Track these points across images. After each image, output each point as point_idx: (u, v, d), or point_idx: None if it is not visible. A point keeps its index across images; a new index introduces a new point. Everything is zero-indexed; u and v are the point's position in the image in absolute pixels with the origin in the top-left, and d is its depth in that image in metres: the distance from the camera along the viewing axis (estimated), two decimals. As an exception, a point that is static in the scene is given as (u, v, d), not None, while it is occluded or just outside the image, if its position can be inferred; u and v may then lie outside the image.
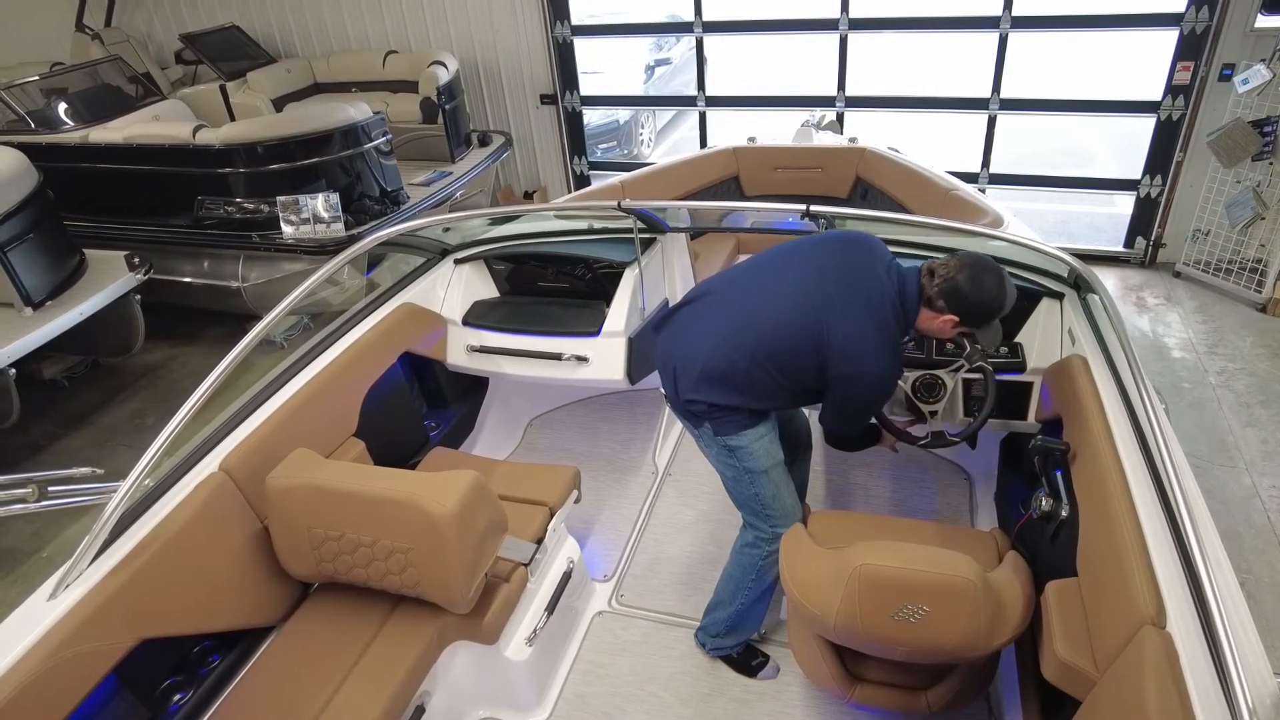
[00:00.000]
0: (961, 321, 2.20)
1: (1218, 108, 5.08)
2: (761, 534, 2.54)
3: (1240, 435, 3.95)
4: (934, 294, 2.19)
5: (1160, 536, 1.80)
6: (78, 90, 5.85)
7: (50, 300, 4.35)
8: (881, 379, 2.28)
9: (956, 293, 2.16)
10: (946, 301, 2.18)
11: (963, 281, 2.15)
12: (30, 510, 2.35)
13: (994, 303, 2.17)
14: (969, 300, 2.16)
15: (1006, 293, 2.18)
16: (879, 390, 2.34)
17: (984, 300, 2.16)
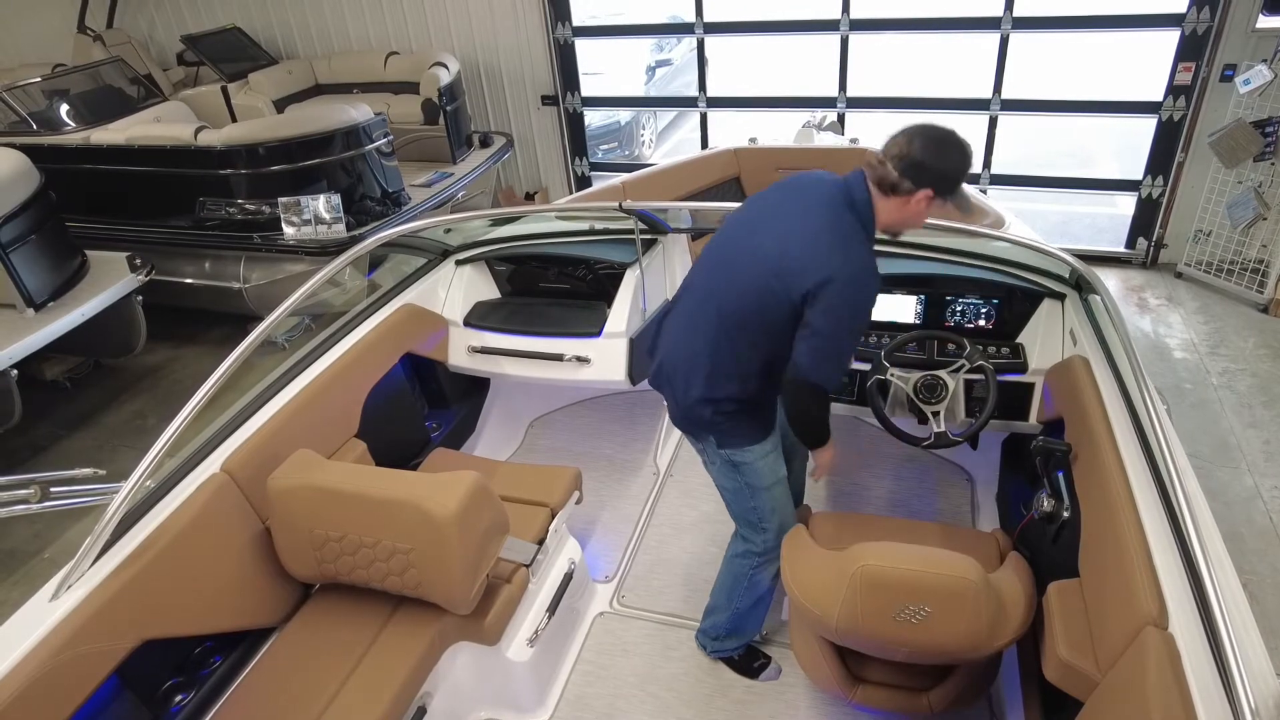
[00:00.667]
0: (936, 193, 2.05)
1: (1219, 108, 5.08)
2: (753, 546, 2.52)
3: (1242, 436, 3.94)
4: (897, 178, 2.03)
5: (1162, 537, 1.80)
6: (80, 92, 5.86)
7: (52, 301, 4.36)
8: (853, 283, 2.05)
9: (922, 166, 2.01)
10: (914, 179, 2.02)
11: (921, 151, 2.00)
12: (32, 511, 2.35)
13: (962, 160, 2.04)
14: (937, 167, 2.02)
15: (966, 147, 2.05)
16: (852, 303, 2.07)
17: (951, 159, 2.03)
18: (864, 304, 2.11)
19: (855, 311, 2.10)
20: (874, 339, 2.94)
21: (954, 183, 2.05)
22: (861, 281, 2.06)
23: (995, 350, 2.83)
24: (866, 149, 4.65)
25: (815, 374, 2.12)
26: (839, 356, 2.15)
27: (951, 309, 2.97)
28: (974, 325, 2.97)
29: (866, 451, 3.67)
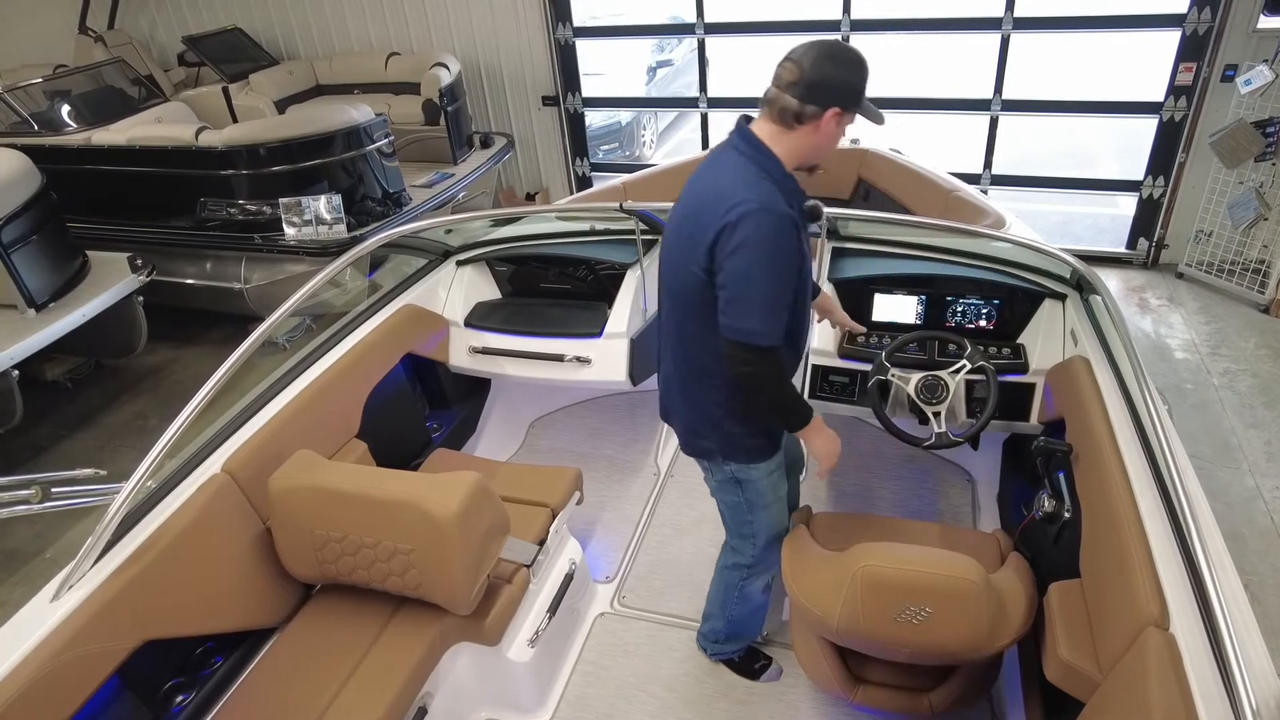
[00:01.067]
0: (844, 109, 1.91)
1: (1220, 109, 5.08)
2: (741, 558, 2.47)
3: (1243, 436, 3.94)
4: (798, 105, 1.89)
5: (1163, 538, 1.79)
6: (81, 92, 5.86)
7: (53, 302, 4.36)
8: (753, 219, 1.85)
9: (821, 84, 1.88)
10: (817, 99, 1.88)
11: (817, 70, 1.87)
12: (33, 511, 2.35)
13: (859, 68, 1.91)
14: (837, 81, 1.89)
15: (859, 53, 1.92)
16: (757, 239, 1.86)
17: (849, 69, 1.90)
18: (770, 239, 1.87)
19: (762, 247, 1.87)
20: (875, 339, 2.94)
21: (858, 93, 1.92)
22: (762, 217, 1.86)
23: (996, 351, 2.83)
24: (868, 149, 4.65)
25: (738, 327, 1.92)
26: (758, 302, 1.90)
27: (952, 309, 2.97)
28: (975, 326, 2.97)
29: (867, 452, 3.67)
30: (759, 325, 1.91)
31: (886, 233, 3.26)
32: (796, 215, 1.96)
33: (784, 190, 1.94)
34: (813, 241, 3.25)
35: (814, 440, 2.20)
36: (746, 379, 2.00)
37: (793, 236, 1.91)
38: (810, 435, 2.18)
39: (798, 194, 2.01)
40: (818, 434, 2.18)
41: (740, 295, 1.90)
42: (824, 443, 2.20)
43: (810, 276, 2.14)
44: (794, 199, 1.97)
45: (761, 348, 1.93)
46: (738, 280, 1.89)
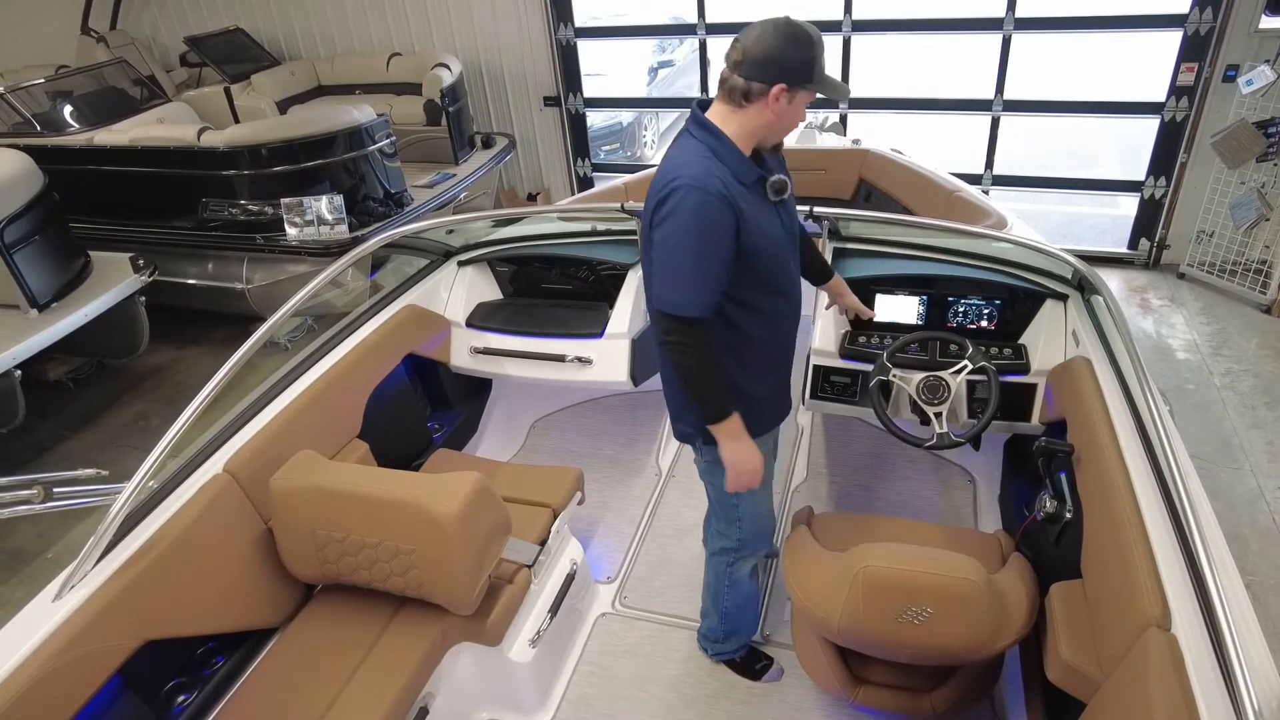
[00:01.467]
0: (790, 85, 1.89)
1: (1222, 109, 5.07)
2: (727, 541, 2.48)
3: (1245, 437, 3.93)
4: (745, 84, 1.90)
5: (1165, 538, 1.79)
6: (83, 93, 5.87)
7: (56, 302, 4.37)
8: (681, 190, 1.88)
9: (765, 61, 1.88)
10: (761, 76, 1.89)
11: (760, 47, 1.88)
12: (36, 511, 2.35)
13: (805, 44, 1.90)
14: (780, 57, 1.88)
15: (807, 29, 1.91)
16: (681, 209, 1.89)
17: (793, 45, 1.89)
18: (694, 212, 1.87)
19: (685, 218, 1.88)
20: (876, 339, 2.94)
21: (806, 69, 1.90)
22: (689, 192, 1.87)
23: (997, 351, 2.83)
24: (869, 149, 4.64)
25: (660, 296, 1.96)
26: (680, 273, 1.92)
27: (954, 310, 2.97)
28: (976, 326, 2.97)
29: (868, 453, 3.67)
30: (679, 295, 1.93)
31: (888, 233, 3.26)
32: (749, 194, 1.97)
33: (735, 169, 1.96)
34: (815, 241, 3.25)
35: (725, 446, 2.11)
36: (666, 349, 2.02)
37: (724, 215, 1.90)
38: (722, 438, 2.09)
39: (751, 171, 2.00)
40: (731, 439, 2.09)
41: (663, 264, 1.95)
42: (734, 452, 2.10)
43: (786, 255, 2.13)
44: (747, 176, 1.98)
45: (679, 318, 1.95)
46: (662, 250, 1.94)
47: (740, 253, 1.97)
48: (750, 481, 2.15)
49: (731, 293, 2.02)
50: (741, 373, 2.15)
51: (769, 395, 2.27)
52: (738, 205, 1.93)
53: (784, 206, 2.11)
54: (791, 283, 2.18)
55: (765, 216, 2.03)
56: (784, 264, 2.11)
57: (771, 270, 2.07)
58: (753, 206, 1.98)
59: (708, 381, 2.02)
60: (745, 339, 2.12)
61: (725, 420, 2.05)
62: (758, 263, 2.02)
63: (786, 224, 2.12)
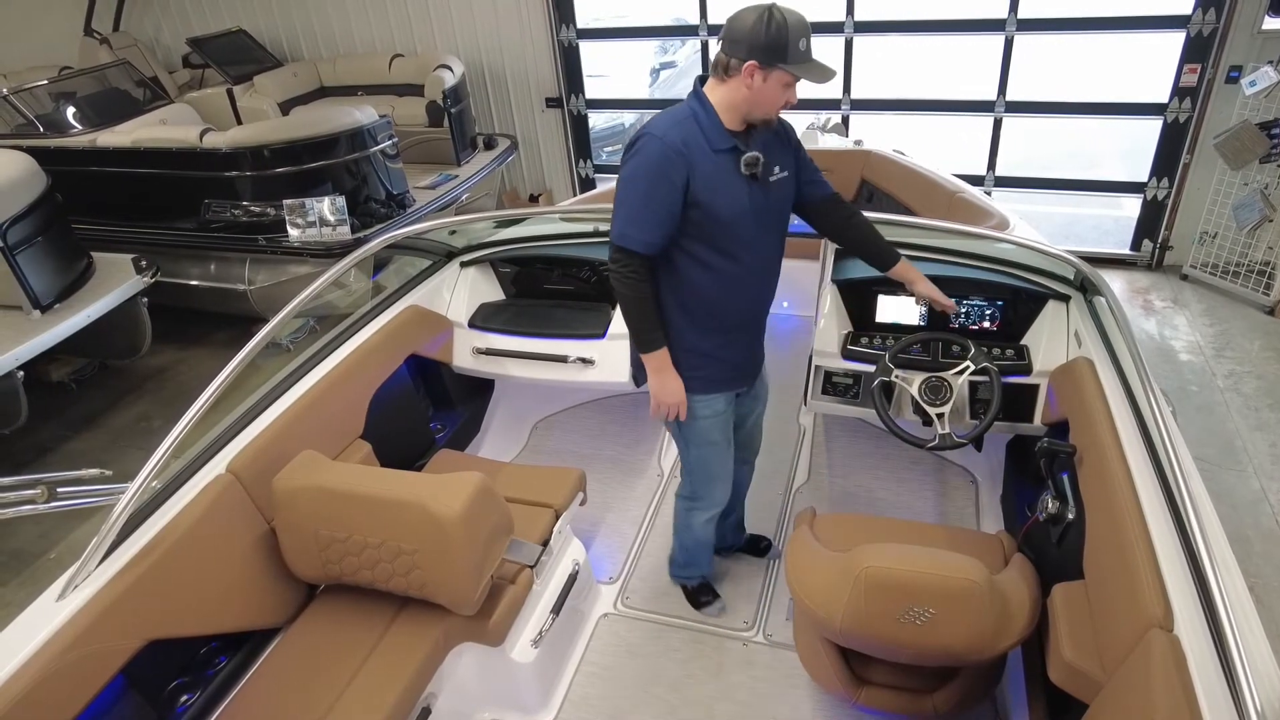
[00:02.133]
0: (761, 64, 2.00)
1: (1225, 110, 5.07)
2: (684, 490, 2.73)
3: (1248, 439, 3.93)
4: (725, 58, 2.05)
5: (1167, 539, 1.79)
6: (86, 94, 5.89)
7: (58, 303, 4.38)
8: (642, 138, 2.11)
9: (737, 40, 2.01)
10: (735, 52, 2.02)
11: (735, 26, 2.01)
12: (39, 511, 2.35)
13: (775, 24, 1.97)
14: (750, 36, 1.98)
15: (780, 12, 1.98)
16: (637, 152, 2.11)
17: (763, 25, 1.97)
18: (647, 156, 2.09)
19: (638, 160, 2.11)
20: (879, 340, 2.94)
21: (778, 49, 1.99)
22: (649, 140, 2.09)
23: (1000, 352, 2.83)
24: (871, 150, 4.65)
25: (613, 227, 2.18)
26: (626, 207, 2.15)
27: (956, 311, 2.97)
28: (979, 327, 2.97)
29: (871, 453, 3.67)
30: (622, 227, 2.16)
31: (890, 234, 3.23)
32: (718, 159, 2.12)
33: (709, 134, 2.11)
34: (817, 242, 3.25)
35: (651, 377, 2.37)
36: (610, 275, 2.24)
37: (675, 167, 2.08)
38: (649, 368, 2.36)
39: (725, 140, 2.13)
40: (655, 372, 2.35)
41: (618, 199, 2.17)
42: (657, 383, 2.37)
43: (747, 225, 2.23)
44: (719, 144, 2.12)
45: (622, 249, 2.17)
46: (619, 187, 2.17)
47: (689, 205, 2.14)
48: (671, 412, 2.41)
49: (683, 243, 2.21)
50: (688, 325, 2.35)
51: (715, 354, 2.41)
52: (693, 161, 2.09)
53: (760, 183, 2.21)
54: (747, 250, 2.27)
55: (728, 183, 2.16)
56: (739, 230, 2.22)
57: (722, 233, 2.20)
58: (714, 169, 2.13)
59: (641, 311, 2.26)
60: (694, 292, 2.29)
61: (652, 352, 2.31)
62: (707, 222, 2.17)
63: (758, 199, 2.22)
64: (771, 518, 3.38)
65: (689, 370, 2.38)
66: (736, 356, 2.46)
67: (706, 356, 2.39)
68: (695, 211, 2.15)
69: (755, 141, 2.19)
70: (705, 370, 2.40)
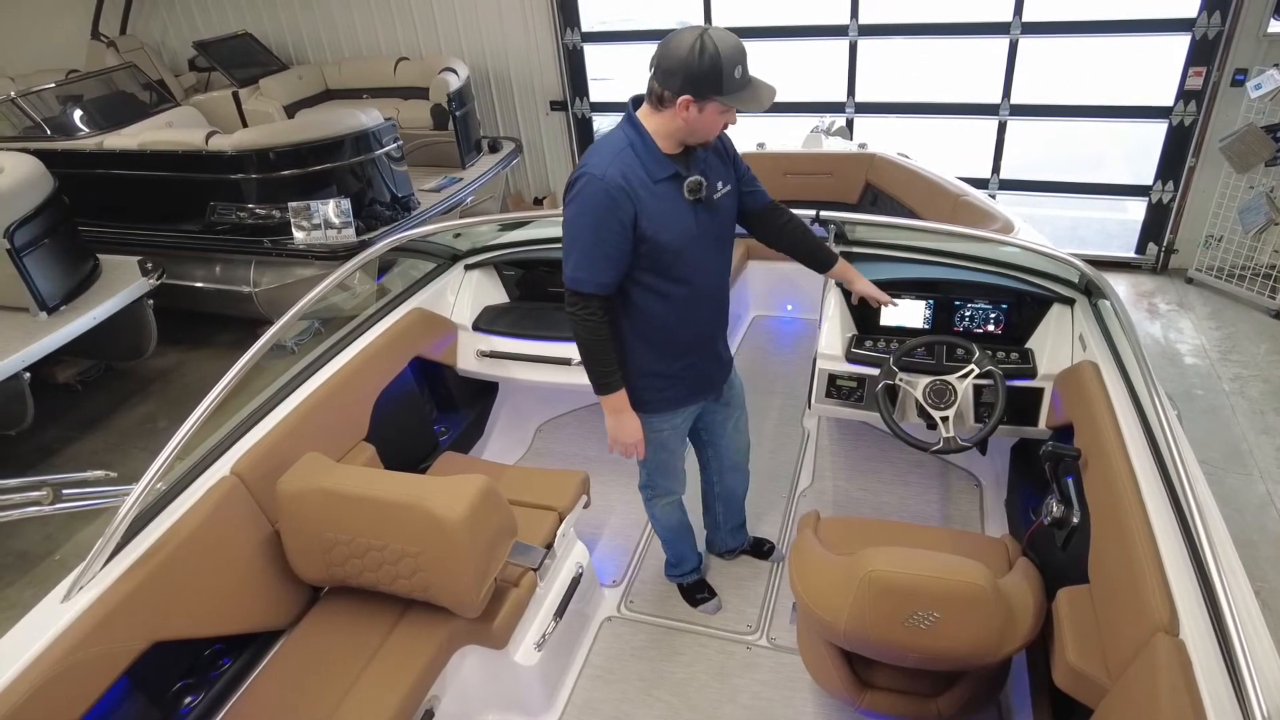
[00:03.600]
0: (696, 97, 1.95)
1: (1230, 113, 5.06)
2: (641, 480, 2.78)
3: (1254, 442, 3.92)
4: (659, 89, 1.99)
5: (1173, 543, 1.79)
6: (93, 97, 5.91)
7: (64, 305, 4.39)
8: (580, 179, 2.06)
9: (670, 72, 1.94)
10: (670, 85, 1.96)
11: (665, 57, 1.94)
12: (44, 513, 2.36)
13: (705, 56, 1.90)
14: (683, 69, 1.92)
15: (711, 39, 1.90)
16: (578, 193, 2.06)
17: (695, 58, 1.90)
18: (589, 199, 2.05)
19: (580, 204, 2.06)
20: (883, 344, 2.93)
21: (711, 82, 1.93)
22: (587, 181, 2.04)
23: (1004, 355, 2.82)
24: (876, 153, 4.64)
25: (565, 272, 2.16)
26: (575, 252, 2.12)
27: (960, 314, 2.96)
28: (983, 330, 2.97)
29: (875, 457, 3.67)
30: (573, 271, 2.14)
31: (894, 237, 3.26)
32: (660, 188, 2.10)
33: (648, 165, 2.08)
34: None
35: (608, 417, 2.39)
36: (568, 318, 2.22)
37: (618, 206, 2.05)
38: (606, 409, 2.38)
39: (665, 168, 2.11)
40: (612, 413, 2.37)
41: (566, 243, 2.15)
42: (614, 425, 2.39)
43: (695, 248, 2.22)
44: (659, 173, 2.10)
45: (576, 292, 2.17)
46: (565, 230, 2.14)
47: (638, 240, 2.12)
48: (627, 451, 2.43)
49: (634, 275, 2.20)
50: (651, 353, 2.35)
51: (681, 375, 2.43)
52: (637, 197, 2.06)
53: (703, 204, 2.20)
54: (699, 273, 2.27)
55: (674, 211, 2.14)
56: (690, 256, 2.21)
57: (672, 261, 2.19)
58: (658, 200, 2.11)
59: (596, 353, 2.25)
60: (650, 321, 2.29)
61: (609, 394, 2.32)
62: (657, 252, 2.15)
63: (704, 221, 2.22)
64: (775, 521, 3.38)
65: (651, 394, 2.40)
66: (697, 374, 2.48)
67: (668, 379, 2.41)
68: (644, 245, 2.13)
69: (695, 163, 2.17)
70: (667, 392, 2.43)
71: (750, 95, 2.00)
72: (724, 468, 2.88)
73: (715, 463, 2.88)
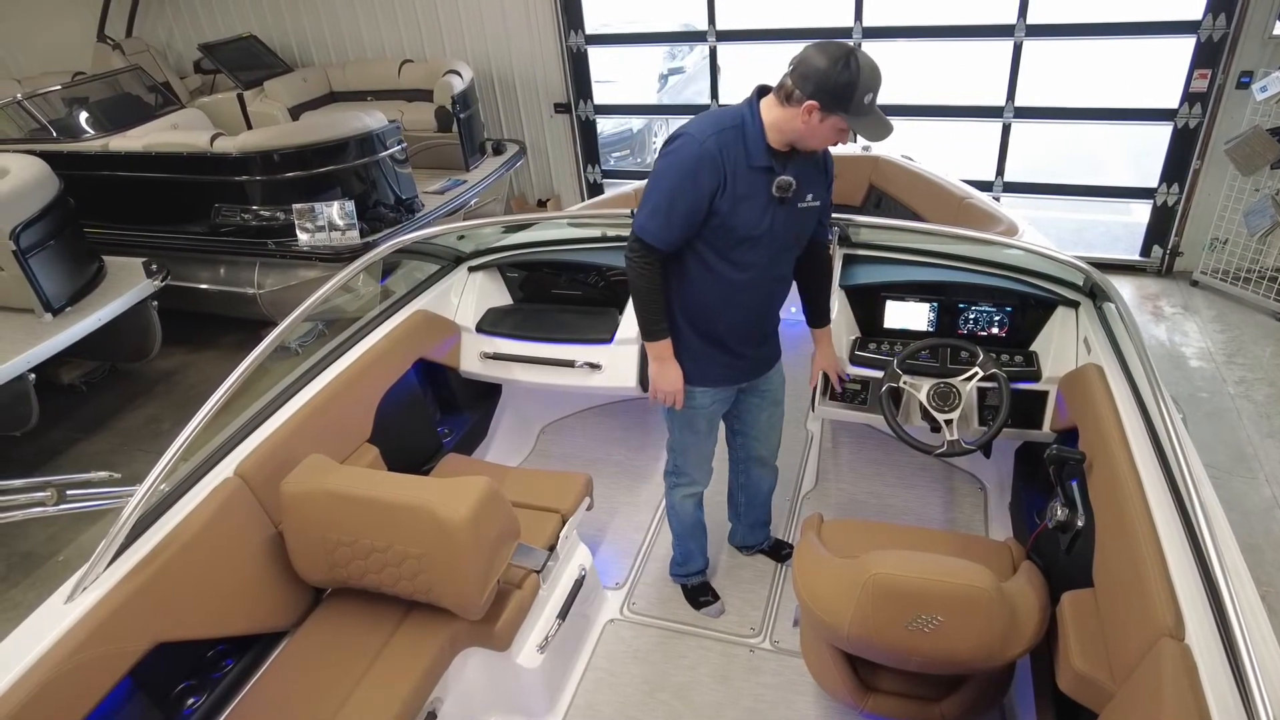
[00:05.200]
0: (821, 107, 2.02)
1: (1235, 115, 5.05)
2: (668, 467, 2.82)
3: (1260, 446, 3.90)
4: (791, 86, 2.06)
5: (1178, 548, 1.78)
6: (99, 99, 5.93)
7: (70, 306, 4.40)
8: (675, 139, 2.16)
9: (807, 76, 2.01)
10: (802, 88, 2.03)
11: (810, 61, 2.01)
12: (48, 514, 2.37)
13: (846, 72, 1.97)
14: (821, 77, 1.99)
15: (857, 61, 1.98)
16: (667, 153, 2.17)
17: (837, 70, 1.97)
18: (680, 156, 2.13)
19: (670, 159, 2.15)
20: (887, 346, 2.93)
21: (840, 97, 2.00)
22: (685, 140, 2.13)
23: (1009, 358, 2.82)
24: (880, 156, 4.64)
25: (637, 217, 2.24)
26: (650, 200, 2.20)
27: (964, 316, 2.96)
28: (987, 333, 2.96)
29: (879, 459, 3.66)
30: (643, 219, 2.22)
31: (898, 239, 3.25)
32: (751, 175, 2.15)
33: (751, 148, 2.14)
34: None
35: (652, 364, 2.46)
36: (626, 261, 2.31)
37: (706, 172, 2.11)
38: (651, 355, 2.44)
39: (762, 158, 2.16)
40: (656, 359, 2.44)
41: (647, 191, 2.22)
42: (658, 370, 2.45)
43: (762, 242, 2.27)
44: (756, 160, 2.15)
45: (639, 239, 2.24)
46: (650, 179, 2.23)
47: (711, 214, 2.18)
48: (667, 399, 2.49)
49: (697, 247, 2.26)
50: (684, 323, 2.43)
51: (706, 354, 2.48)
52: (727, 171, 2.13)
53: (787, 206, 2.25)
54: (756, 265, 2.32)
55: (755, 200, 2.19)
56: (754, 247, 2.27)
57: (735, 245, 2.25)
58: (745, 184, 2.16)
59: (648, 301, 2.33)
60: (693, 291, 2.36)
61: (656, 341, 2.39)
62: (723, 232, 2.22)
63: (780, 221, 2.27)
64: (779, 524, 3.37)
65: (683, 360, 2.46)
66: (732, 359, 2.52)
67: (701, 354, 2.47)
68: (715, 219, 2.19)
69: (793, 165, 2.21)
70: (698, 364, 2.48)
71: (871, 123, 2.08)
72: (751, 459, 2.90)
73: (743, 452, 2.90)
